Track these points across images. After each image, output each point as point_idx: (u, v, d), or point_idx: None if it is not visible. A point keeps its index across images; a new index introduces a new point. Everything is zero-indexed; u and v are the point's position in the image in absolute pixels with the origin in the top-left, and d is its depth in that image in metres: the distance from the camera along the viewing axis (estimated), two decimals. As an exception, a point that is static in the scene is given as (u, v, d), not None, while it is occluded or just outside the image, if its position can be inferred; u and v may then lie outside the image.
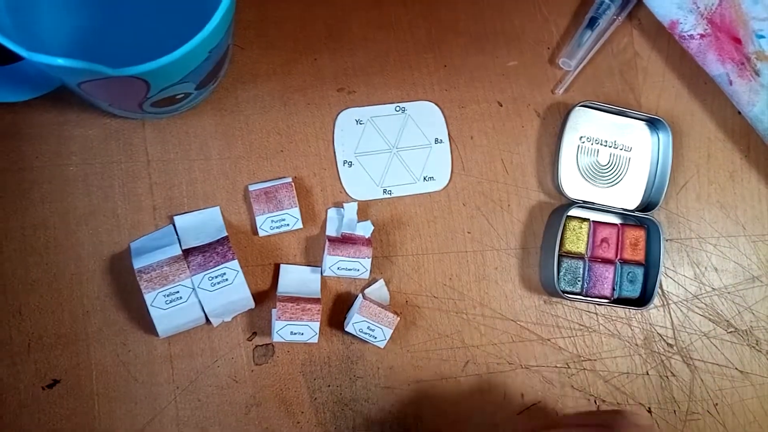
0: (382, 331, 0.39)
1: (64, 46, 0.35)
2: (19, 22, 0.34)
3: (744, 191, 0.47)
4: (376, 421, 0.40)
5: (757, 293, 0.46)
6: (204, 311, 0.37)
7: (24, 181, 0.38)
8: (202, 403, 0.38)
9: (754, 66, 0.43)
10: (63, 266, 0.38)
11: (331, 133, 0.41)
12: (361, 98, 0.42)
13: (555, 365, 0.43)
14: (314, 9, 0.42)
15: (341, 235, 0.40)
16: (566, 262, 0.43)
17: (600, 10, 0.44)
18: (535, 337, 0.43)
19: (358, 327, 0.39)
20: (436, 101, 0.43)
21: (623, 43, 0.46)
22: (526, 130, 0.44)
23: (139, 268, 0.36)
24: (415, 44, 0.43)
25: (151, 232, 0.39)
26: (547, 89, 0.45)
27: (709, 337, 0.45)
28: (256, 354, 0.39)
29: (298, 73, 0.41)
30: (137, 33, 0.35)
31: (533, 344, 0.43)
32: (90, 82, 0.30)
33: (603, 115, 0.45)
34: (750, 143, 0.47)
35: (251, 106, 0.41)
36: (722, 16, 0.43)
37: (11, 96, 0.37)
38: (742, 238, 0.47)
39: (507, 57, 0.44)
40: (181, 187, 0.39)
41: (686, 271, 0.46)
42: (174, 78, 0.31)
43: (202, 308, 0.37)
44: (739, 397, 0.45)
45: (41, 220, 0.38)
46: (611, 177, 0.45)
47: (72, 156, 0.38)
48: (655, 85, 0.46)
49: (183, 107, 0.39)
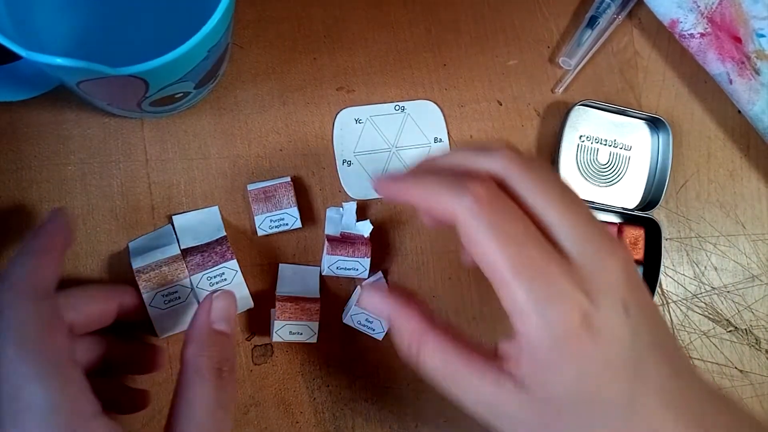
0: (380, 323, 0.39)
1: (63, 46, 0.35)
2: (18, 21, 0.33)
3: (744, 190, 0.47)
4: (376, 421, 0.40)
5: (757, 292, 0.46)
6: (203, 311, 0.37)
7: (22, 181, 0.38)
8: (202, 403, 0.38)
9: (754, 65, 0.43)
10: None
11: (330, 132, 0.41)
12: (360, 97, 0.42)
13: (555, 365, 0.43)
14: (313, 8, 0.42)
15: (340, 234, 0.39)
16: (566, 262, 0.43)
17: (600, 9, 0.44)
18: (535, 336, 0.43)
19: (356, 319, 0.39)
20: (435, 100, 0.43)
21: (623, 42, 0.46)
22: (525, 129, 0.44)
23: (137, 268, 0.36)
24: (414, 43, 0.43)
25: (150, 231, 0.38)
26: (547, 88, 0.44)
27: (708, 336, 0.45)
28: (255, 354, 0.39)
29: (298, 72, 0.41)
30: (136, 32, 0.35)
31: (533, 344, 0.43)
32: (89, 82, 0.30)
33: (603, 114, 0.45)
34: (750, 142, 0.47)
35: (250, 105, 0.41)
36: (722, 15, 0.43)
37: (10, 95, 0.37)
38: (741, 237, 0.47)
39: (507, 56, 0.44)
40: (180, 187, 0.39)
41: (686, 270, 0.46)
42: (173, 77, 0.31)
43: (201, 308, 0.37)
44: (738, 396, 0.45)
45: (40, 219, 0.38)
46: (611, 176, 0.45)
47: (70, 155, 0.38)
48: (655, 84, 0.46)
49: (182, 106, 0.38)
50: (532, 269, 0.25)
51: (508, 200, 0.26)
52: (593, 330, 0.25)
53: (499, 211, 0.26)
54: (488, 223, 0.25)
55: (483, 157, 0.28)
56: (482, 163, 0.28)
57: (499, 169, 0.27)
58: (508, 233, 0.25)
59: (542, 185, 0.27)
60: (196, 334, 0.32)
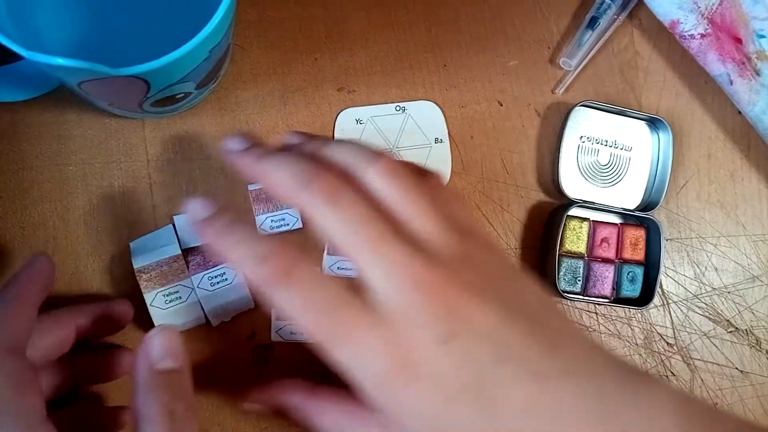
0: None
1: (64, 46, 0.35)
2: (19, 21, 0.34)
3: (744, 191, 0.47)
4: (376, 420, 0.40)
5: (758, 293, 0.46)
6: (203, 311, 0.37)
7: (24, 181, 0.38)
8: (202, 404, 0.38)
9: (755, 66, 0.43)
10: (62, 266, 0.38)
11: (331, 132, 0.41)
12: (361, 98, 0.42)
13: (555, 365, 0.43)
14: (314, 9, 0.42)
15: (341, 234, 0.39)
16: (566, 262, 0.43)
17: (600, 9, 0.44)
18: (535, 336, 0.43)
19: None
20: (436, 101, 0.43)
21: (624, 43, 0.46)
22: (526, 129, 0.44)
23: (138, 268, 0.36)
24: (415, 44, 0.43)
25: (151, 231, 0.39)
26: (547, 89, 0.45)
27: (709, 336, 0.45)
28: (256, 354, 0.39)
29: (299, 72, 0.41)
30: (137, 33, 0.35)
31: (533, 344, 0.43)
32: (90, 82, 0.30)
33: (603, 114, 0.45)
34: (750, 143, 0.47)
35: (251, 106, 0.41)
36: (723, 16, 0.43)
37: (11, 96, 0.37)
38: (742, 238, 0.47)
39: (507, 57, 0.44)
40: (181, 187, 0.39)
41: (686, 270, 0.46)
42: (174, 77, 0.31)
43: (201, 308, 0.37)
44: (739, 397, 0.45)
45: (41, 219, 0.38)
46: (611, 176, 0.45)
47: (72, 155, 0.38)
48: (655, 85, 0.46)
49: (183, 107, 0.38)
50: (338, 333, 0.25)
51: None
52: (409, 370, 0.24)
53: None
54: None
55: (362, 167, 0.27)
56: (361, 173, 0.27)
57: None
58: (316, 305, 0.26)
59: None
60: (139, 381, 0.29)
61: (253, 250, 0.26)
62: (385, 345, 0.25)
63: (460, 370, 0.24)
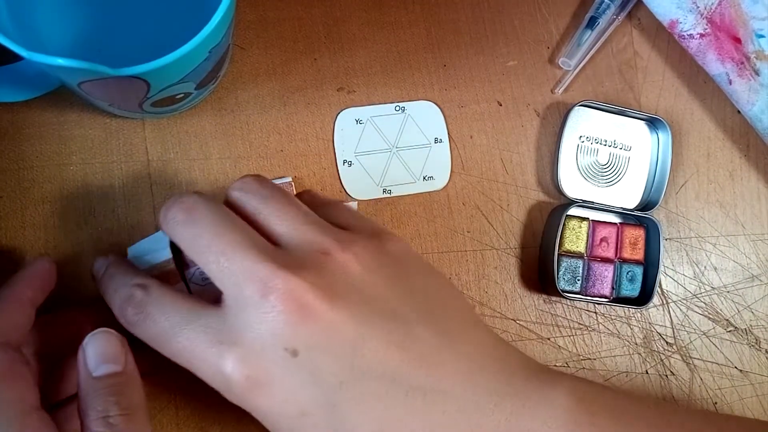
0: None
1: (64, 46, 0.35)
2: (19, 21, 0.34)
3: (743, 190, 0.47)
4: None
5: (757, 292, 0.46)
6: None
7: (24, 181, 0.38)
8: (202, 404, 0.38)
9: (754, 65, 0.43)
10: (63, 266, 0.38)
11: (330, 132, 0.42)
12: (360, 98, 0.42)
13: (554, 364, 0.43)
14: (314, 9, 0.42)
15: (341, 234, 0.40)
16: (565, 262, 0.43)
17: (600, 9, 0.44)
18: (535, 336, 0.43)
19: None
20: (435, 101, 0.43)
21: (623, 43, 0.46)
22: (525, 129, 0.44)
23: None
24: (415, 44, 0.43)
25: (151, 232, 0.39)
26: (546, 89, 0.45)
27: (708, 336, 0.45)
28: (256, 353, 0.39)
29: (298, 72, 0.41)
30: (137, 33, 0.35)
31: (533, 343, 0.43)
32: (90, 82, 0.30)
33: (602, 114, 0.45)
34: (749, 142, 0.47)
35: (251, 106, 0.41)
36: (722, 16, 0.43)
37: (11, 96, 0.37)
38: (741, 237, 0.47)
39: (507, 57, 0.44)
40: (181, 187, 0.39)
41: (685, 270, 0.46)
42: (174, 78, 0.31)
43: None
44: (738, 396, 0.45)
45: (41, 219, 0.38)
46: (611, 176, 0.45)
47: (72, 156, 0.38)
48: (654, 85, 0.46)
49: (183, 107, 0.39)
50: (192, 359, 0.27)
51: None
52: (260, 386, 0.25)
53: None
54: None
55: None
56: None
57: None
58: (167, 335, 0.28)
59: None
60: (79, 392, 0.28)
61: (118, 294, 0.29)
62: (241, 362, 0.25)
63: (307, 388, 0.25)
